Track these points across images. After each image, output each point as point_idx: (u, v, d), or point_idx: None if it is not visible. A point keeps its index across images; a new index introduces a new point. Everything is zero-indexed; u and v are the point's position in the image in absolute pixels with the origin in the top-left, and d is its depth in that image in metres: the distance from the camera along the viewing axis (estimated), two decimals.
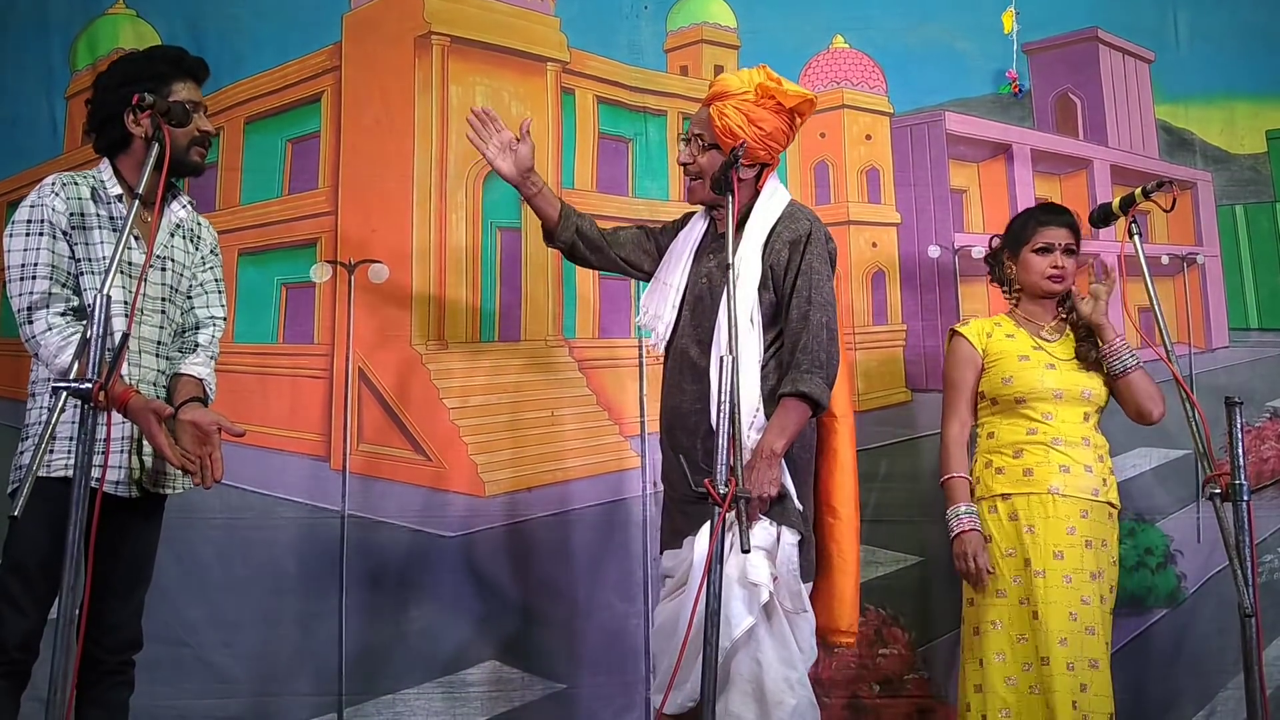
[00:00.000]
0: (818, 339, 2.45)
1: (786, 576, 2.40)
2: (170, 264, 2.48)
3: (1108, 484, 2.74)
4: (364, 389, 3.31)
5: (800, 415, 2.44)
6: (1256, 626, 2.12)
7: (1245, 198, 3.62)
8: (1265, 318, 3.57)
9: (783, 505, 2.43)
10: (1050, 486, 2.68)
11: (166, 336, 2.46)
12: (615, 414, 3.37)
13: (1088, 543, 2.66)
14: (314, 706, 3.15)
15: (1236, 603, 2.22)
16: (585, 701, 3.17)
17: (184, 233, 2.52)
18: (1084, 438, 2.74)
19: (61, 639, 1.90)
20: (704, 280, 2.60)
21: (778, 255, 2.52)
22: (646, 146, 3.56)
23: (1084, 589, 2.63)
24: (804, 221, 2.56)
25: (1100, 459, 2.75)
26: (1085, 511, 2.68)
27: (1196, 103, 3.64)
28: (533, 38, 3.55)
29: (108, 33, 3.50)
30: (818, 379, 2.43)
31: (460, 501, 3.27)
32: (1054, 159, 3.65)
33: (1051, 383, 2.75)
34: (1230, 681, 3.27)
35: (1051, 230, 2.83)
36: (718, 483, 2.10)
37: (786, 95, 2.54)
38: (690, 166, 2.61)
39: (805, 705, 2.39)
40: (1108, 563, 2.70)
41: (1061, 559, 2.64)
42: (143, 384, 2.38)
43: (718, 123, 2.55)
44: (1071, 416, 2.75)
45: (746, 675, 2.38)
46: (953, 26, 3.60)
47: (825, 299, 2.49)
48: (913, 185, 3.59)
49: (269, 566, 3.18)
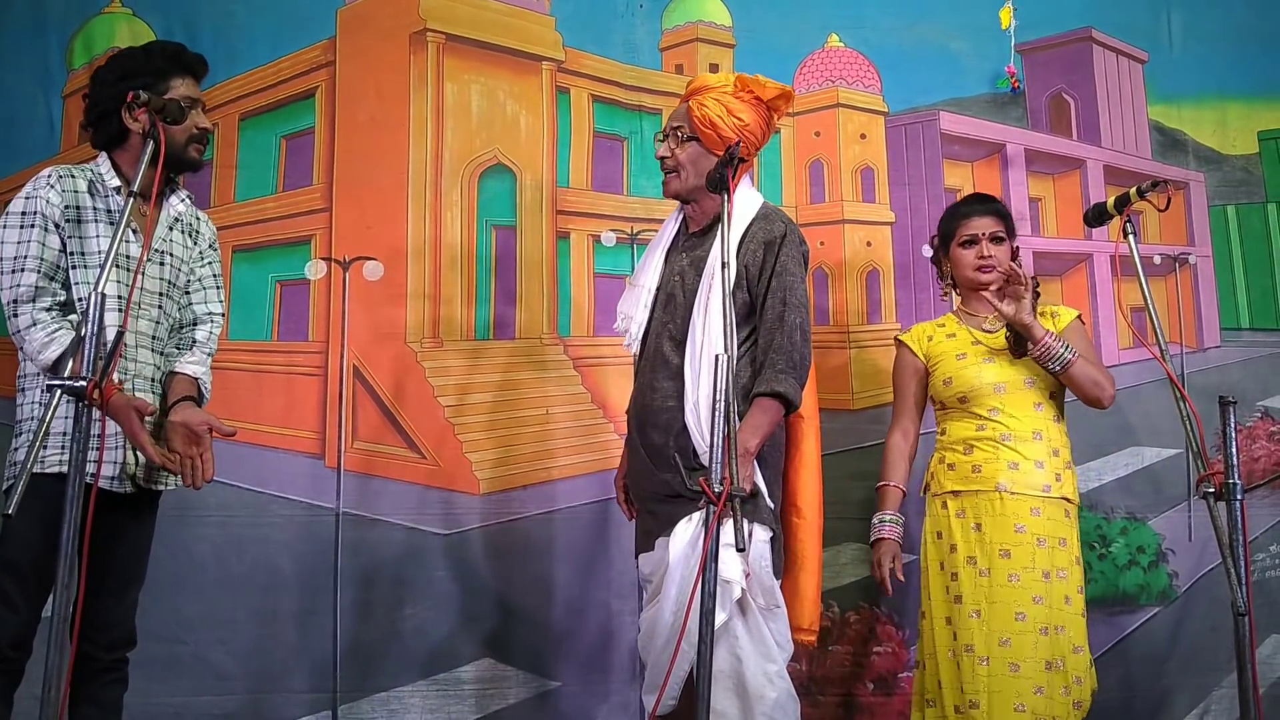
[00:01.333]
0: (791, 340, 2.47)
1: (759, 573, 2.42)
2: (169, 258, 2.46)
3: (1062, 480, 2.66)
4: (359, 386, 3.31)
5: (774, 415, 2.46)
6: (1250, 625, 2.11)
7: (1237, 198, 3.63)
8: (1257, 317, 3.58)
9: (754, 503, 2.44)
10: (998, 484, 2.63)
11: (163, 331, 2.45)
12: (610, 412, 3.37)
13: (1040, 540, 2.59)
14: (309, 703, 3.15)
15: (1229, 601, 2.27)
16: (578, 699, 3.18)
17: (183, 227, 2.51)
18: (1035, 431, 2.66)
19: (55, 637, 1.90)
20: (676, 278, 2.60)
21: (752, 255, 2.53)
22: (641, 145, 3.56)
23: (1035, 588, 2.56)
24: (778, 223, 2.57)
25: (1054, 453, 2.67)
26: (1036, 509, 2.61)
27: (1189, 103, 3.65)
28: (528, 36, 3.55)
29: (104, 31, 3.50)
30: (791, 379, 2.45)
31: (454, 499, 3.27)
32: (1048, 159, 3.66)
33: (990, 376, 2.70)
34: (1224, 680, 3.27)
35: (975, 220, 2.79)
36: (712, 481, 2.08)
37: (764, 88, 2.58)
38: (668, 160, 2.61)
39: (785, 697, 2.41)
40: (1068, 561, 2.62)
41: (1008, 557, 2.59)
42: (139, 379, 2.37)
43: (697, 113, 2.56)
44: (1019, 409, 2.68)
45: (726, 670, 2.39)
46: (947, 26, 3.61)
47: (799, 300, 2.51)
48: (907, 185, 3.60)
49: (264, 564, 3.18)
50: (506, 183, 3.48)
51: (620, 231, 3.50)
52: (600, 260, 3.49)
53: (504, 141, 3.49)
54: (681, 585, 2.39)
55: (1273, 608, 3.33)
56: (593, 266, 3.48)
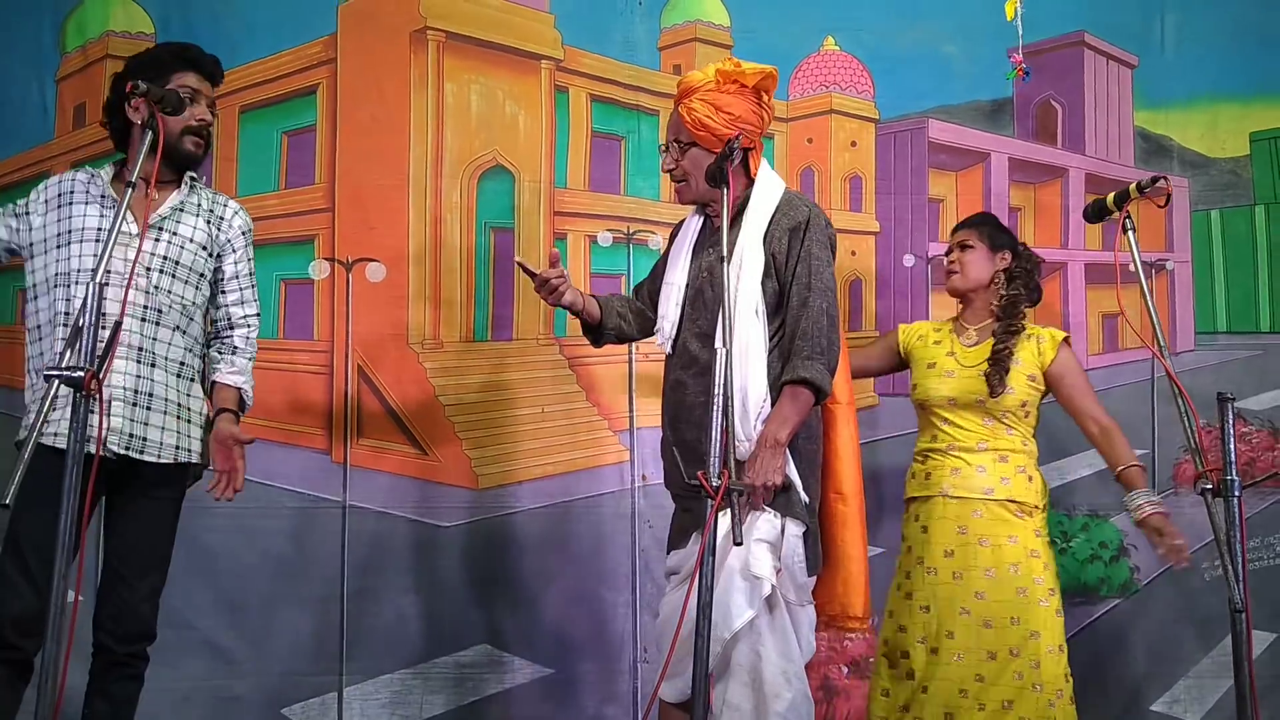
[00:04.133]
0: (818, 325, 2.45)
1: (792, 569, 2.42)
2: (169, 236, 2.51)
3: (1009, 482, 2.81)
4: (363, 386, 3.41)
5: (803, 402, 2.43)
6: (1246, 622, 2.11)
7: (1223, 202, 3.68)
8: (1235, 321, 3.65)
9: (787, 497, 2.42)
10: (941, 489, 2.84)
11: (160, 303, 2.48)
12: (605, 410, 3.48)
13: (982, 540, 2.78)
14: (315, 686, 3.29)
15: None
16: (571, 687, 3.32)
17: (197, 210, 2.57)
18: (981, 442, 2.84)
19: (52, 626, 1.86)
20: (704, 274, 2.59)
21: (778, 243, 2.52)
22: (639, 145, 3.61)
23: (977, 584, 2.76)
24: (802, 208, 2.56)
25: (1001, 459, 2.83)
26: (977, 511, 2.80)
27: (1178, 107, 3.68)
28: (527, 34, 3.58)
29: (97, 14, 3.49)
30: (819, 365, 2.42)
31: (455, 494, 3.40)
32: (1030, 168, 3.71)
33: (946, 390, 2.88)
34: (1191, 670, 3.46)
35: (953, 237, 3.03)
36: (710, 475, 2.10)
37: (745, 75, 2.55)
38: (675, 171, 2.62)
39: (800, 699, 2.42)
40: (1020, 556, 2.76)
41: (951, 557, 2.80)
42: (125, 347, 2.41)
43: (688, 119, 2.56)
44: (968, 421, 2.86)
45: (746, 666, 2.40)
46: (943, 29, 3.62)
47: (825, 284, 2.49)
48: (893, 194, 3.66)
49: (273, 554, 3.31)
50: (505, 184, 3.53)
51: (617, 232, 3.57)
52: (597, 260, 3.57)
53: (503, 142, 3.54)
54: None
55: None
56: (589, 267, 3.56)
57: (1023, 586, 2.76)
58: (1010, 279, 2.94)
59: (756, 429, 2.43)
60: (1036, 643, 2.74)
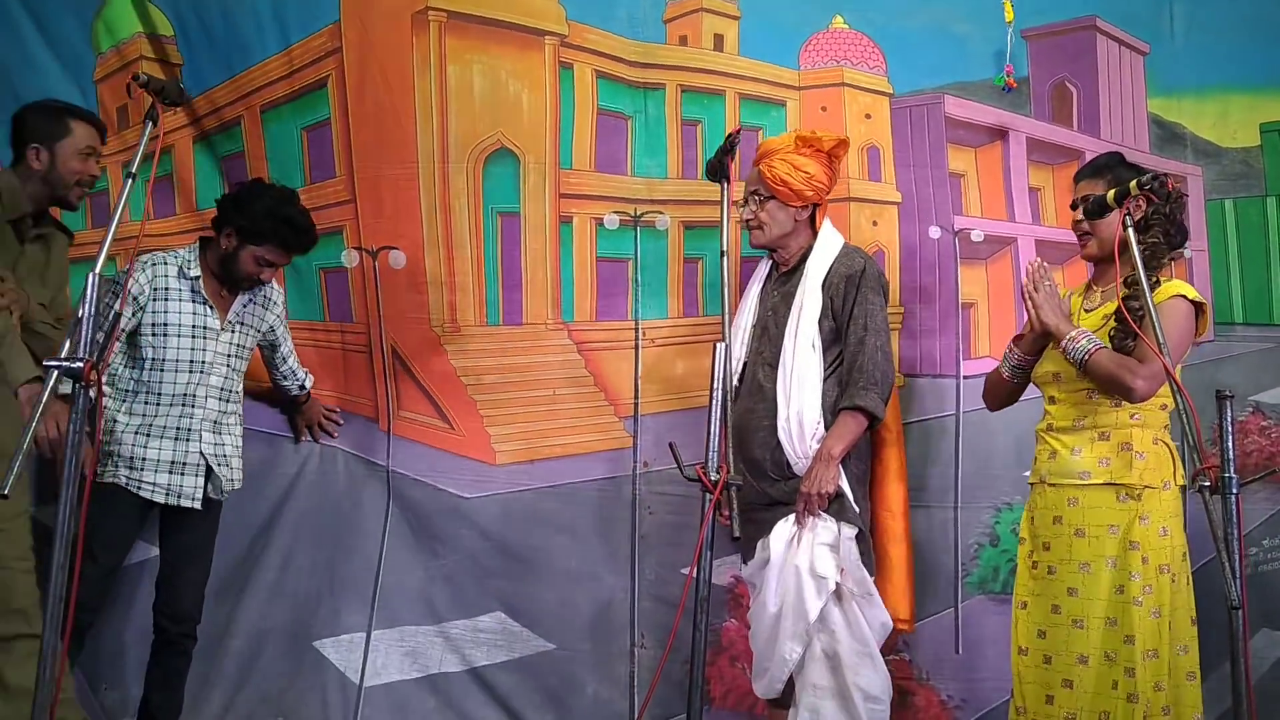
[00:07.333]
0: (873, 360, 2.88)
1: (850, 566, 2.84)
2: (239, 327, 3.18)
3: (1108, 463, 2.56)
4: (397, 364, 3.54)
5: (857, 425, 2.87)
6: (1243, 619, 2.13)
7: (1235, 191, 3.61)
8: (1250, 312, 3.60)
9: (840, 504, 2.86)
10: (1041, 475, 2.69)
11: (231, 385, 3.16)
12: (611, 395, 3.53)
13: (1077, 531, 2.57)
14: (347, 624, 3.46)
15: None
16: (570, 664, 3.43)
17: (258, 298, 3.22)
18: (1080, 418, 2.62)
19: (52, 617, 1.96)
20: (770, 312, 3.06)
21: (836, 289, 2.96)
22: (646, 123, 3.57)
23: (1070, 580, 2.56)
24: (859, 259, 3.00)
25: (1101, 436, 2.59)
26: (1073, 499, 2.59)
27: (1190, 96, 3.59)
28: (530, 9, 3.50)
29: (123, 14, 3.54)
30: (874, 394, 2.86)
31: (477, 467, 3.52)
32: (1048, 148, 3.64)
33: (1050, 364, 2.69)
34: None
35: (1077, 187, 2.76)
36: (709, 469, 2.34)
37: (822, 141, 3.02)
38: (752, 221, 3.06)
39: (876, 673, 2.83)
40: (1117, 549, 2.52)
41: (1048, 550, 2.62)
42: (205, 423, 3.08)
43: (768, 175, 3.02)
44: (1071, 397, 2.65)
45: (824, 649, 2.82)
46: (952, 9, 3.53)
47: (879, 325, 2.93)
48: (912, 166, 3.60)
49: (328, 507, 3.52)
50: (510, 167, 3.51)
51: (624, 214, 3.57)
52: (603, 244, 3.57)
53: (507, 124, 3.50)
54: (780, 579, 2.82)
55: (1264, 601, 3.36)
56: (595, 251, 3.57)
57: (1121, 584, 2.51)
58: (1146, 227, 2.56)
59: (811, 449, 2.88)
60: (1130, 649, 2.49)
